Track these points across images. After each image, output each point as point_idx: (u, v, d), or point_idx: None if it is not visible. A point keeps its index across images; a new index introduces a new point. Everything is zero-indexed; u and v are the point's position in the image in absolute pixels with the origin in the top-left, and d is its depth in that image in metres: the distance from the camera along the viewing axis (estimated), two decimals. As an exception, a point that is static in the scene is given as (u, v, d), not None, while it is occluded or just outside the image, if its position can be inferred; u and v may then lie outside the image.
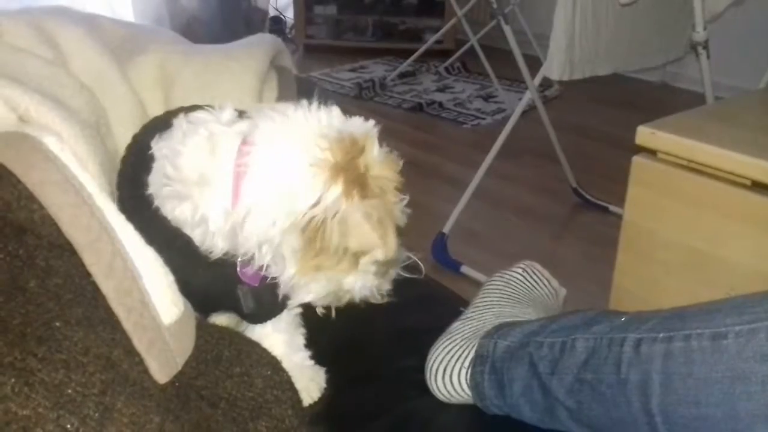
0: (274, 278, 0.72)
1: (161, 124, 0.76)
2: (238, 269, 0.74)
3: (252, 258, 0.71)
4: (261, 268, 0.72)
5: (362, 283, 0.73)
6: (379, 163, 0.70)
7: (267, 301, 0.77)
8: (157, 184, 0.73)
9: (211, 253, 0.73)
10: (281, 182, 0.67)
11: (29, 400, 0.54)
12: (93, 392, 0.57)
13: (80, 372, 0.57)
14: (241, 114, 0.75)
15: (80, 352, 0.58)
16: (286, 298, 0.74)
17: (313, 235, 0.66)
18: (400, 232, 0.73)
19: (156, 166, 0.74)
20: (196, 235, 0.73)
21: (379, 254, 0.70)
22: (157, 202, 0.73)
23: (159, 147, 0.74)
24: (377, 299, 0.76)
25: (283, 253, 0.69)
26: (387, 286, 0.76)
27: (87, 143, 0.69)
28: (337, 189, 0.66)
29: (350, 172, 0.67)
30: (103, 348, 0.60)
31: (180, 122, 0.74)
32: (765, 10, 2.87)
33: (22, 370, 0.55)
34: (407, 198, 0.73)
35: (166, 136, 0.74)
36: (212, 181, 0.69)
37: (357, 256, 0.70)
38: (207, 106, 0.76)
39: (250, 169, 0.68)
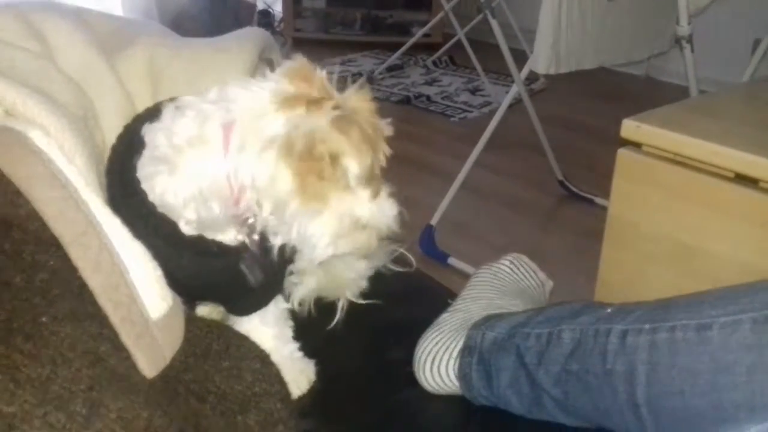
0: (278, 232, 0.71)
1: (152, 113, 0.76)
2: (247, 243, 0.74)
3: (248, 220, 0.71)
4: (264, 228, 0.71)
5: (378, 209, 0.71)
6: (352, 93, 0.72)
7: (272, 270, 0.77)
8: (146, 164, 0.73)
9: (198, 237, 0.73)
10: (256, 119, 0.68)
11: (15, 397, 0.53)
12: (80, 388, 0.56)
13: (67, 368, 0.57)
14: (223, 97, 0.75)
15: (67, 348, 0.58)
16: (301, 254, 0.72)
17: (293, 156, 0.66)
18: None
19: (145, 150, 0.73)
20: (188, 214, 0.72)
21: (353, 164, 0.67)
22: (144, 186, 0.72)
23: (148, 132, 0.73)
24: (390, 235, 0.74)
25: (280, 195, 0.68)
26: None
27: (74, 137, 0.68)
28: (301, 108, 0.67)
29: (310, 95, 0.68)
30: (91, 343, 0.59)
31: (169, 107, 0.74)
32: (748, 4, 2.89)
33: (7, 366, 0.54)
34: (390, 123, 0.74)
35: (156, 121, 0.74)
36: (203, 137, 0.69)
37: (343, 172, 0.68)
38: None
39: (236, 119, 0.69)
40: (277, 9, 4.23)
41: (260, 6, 4.18)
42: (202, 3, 3.58)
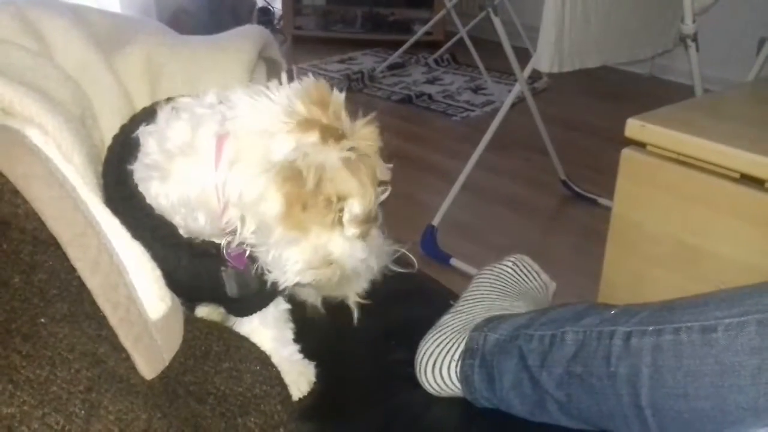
0: (256, 251, 0.71)
1: (149, 113, 0.76)
2: (223, 250, 0.73)
3: (235, 232, 0.70)
4: (243, 244, 0.71)
5: (349, 249, 0.71)
6: (360, 127, 0.70)
7: (251, 286, 0.76)
8: (141, 170, 0.72)
9: (195, 238, 0.72)
10: (259, 135, 0.67)
11: (14, 398, 0.53)
12: (79, 389, 0.56)
13: (66, 369, 0.56)
14: (222, 101, 0.75)
15: (66, 349, 0.57)
16: (270, 274, 0.72)
17: (293, 184, 0.65)
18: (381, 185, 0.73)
19: (141, 153, 0.73)
20: (178, 220, 0.72)
21: (357, 205, 0.68)
22: (141, 189, 0.72)
23: (144, 134, 0.73)
24: (365, 279, 0.74)
25: (266, 219, 0.67)
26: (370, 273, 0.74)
27: (72, 135, 0.68)
28: (314, 136, 0.65)
29: (325, 124, 0.67)
30: (89, 344, 0.59)
31: (164, 109, 0.73)
32: (754, 2, 2.88)
33: (6, 367, 0.54)
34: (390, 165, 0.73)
35: (151, 123, 0.74)
36: (195, 146, 0.69)
37: (339, 209, 0.68)
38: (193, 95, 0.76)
39: (231, 131, 0.68)
40: (277, 6, 4.23)
41: (259, 3, 4.18)
42: (200, 0, 3.58)
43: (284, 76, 0.72)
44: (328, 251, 0.70)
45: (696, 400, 0.66)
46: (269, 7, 4.28)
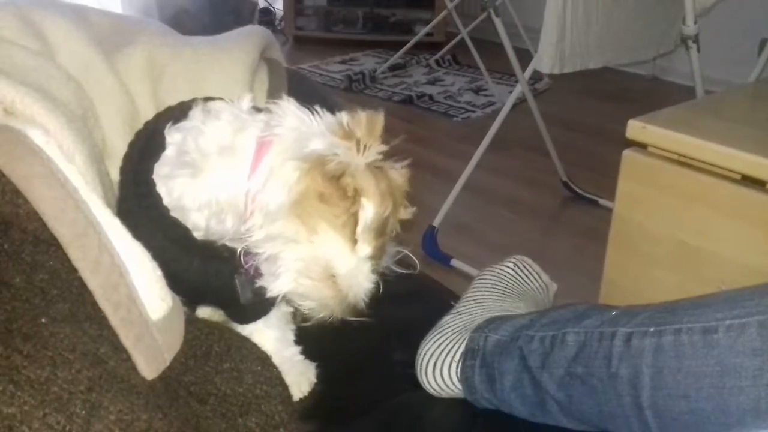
0: (254, 250, 0.70)
1: (176, 113, 0.76)
2: (240, 256, 0.72)
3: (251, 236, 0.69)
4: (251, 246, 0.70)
5: (356, 269, 0.69)
6: (395, 169, 0.72)
7: (265, 294, 0.75)
8: (164, 167, 0.72)
9: (212, 242, 0.72)
10: (299, 139, 0.68)
11: (15, 398, 0.53)
12: (80, 389, 0.56)
13: (67, 369, 0.56)
14: (257, 109, 0.76)
15: (67, 349, 0.57)
16: (261, 278, 0.70)
17: (315, 172, 0.66)
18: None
19: (165, 153, 0.73)
20: (200, 219, 0.71)
21: (371, 209, 0.67)
22: (160, 187, 0.72)
23: (172, 132, 0.73)
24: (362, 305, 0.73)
25: (278, 206, 0.66)
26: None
27: (73, 135, 0.68)
28: (349, 143, 0.67)
29: (363, 141, 0.68)
30: (90, 344, 0.59)
31: (197, 111, 0.74)
32: (755, 3, 2.88)
33: (7, 367, 0.54)
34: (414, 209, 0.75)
35: (181, 122, 0.74)
36: (235, 149, 0.69)
37: (353, 211, 0.67)
38: (228, 99, 0.76)
39: (275, 140, 0.69)
40: (278, 7, 4.23)
41: (261, 4, 4.19)
42: (202, 1, 3.58)
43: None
44: (331, 265, 0.69)
45: (697, 402, 0.66)
46: (270, 7, 4.28)
